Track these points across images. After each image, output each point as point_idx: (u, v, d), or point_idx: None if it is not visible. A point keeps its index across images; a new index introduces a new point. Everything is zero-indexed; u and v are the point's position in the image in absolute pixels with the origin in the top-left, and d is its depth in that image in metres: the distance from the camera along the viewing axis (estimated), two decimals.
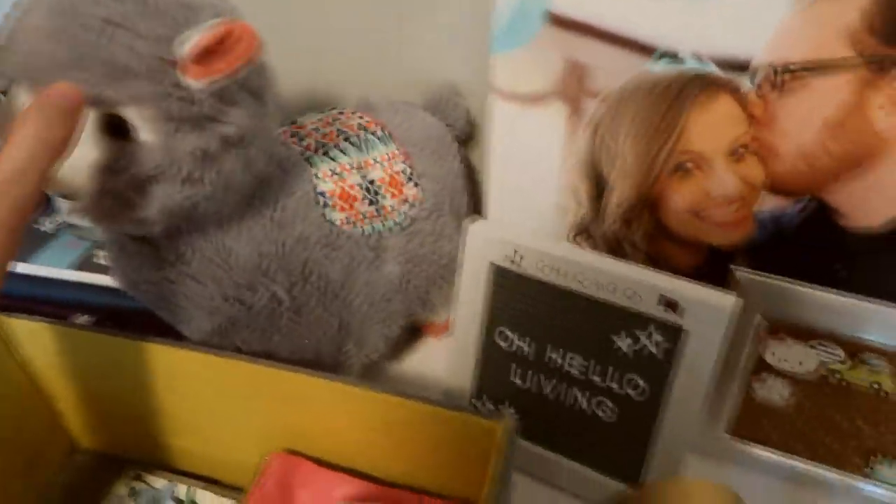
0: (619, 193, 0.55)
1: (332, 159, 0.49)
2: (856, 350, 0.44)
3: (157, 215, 0.38)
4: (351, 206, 0.49)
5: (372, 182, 0.51)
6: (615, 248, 0.58)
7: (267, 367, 0.41)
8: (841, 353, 0.44)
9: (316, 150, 0.49)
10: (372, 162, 0.51)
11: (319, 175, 0.48)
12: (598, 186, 0.56)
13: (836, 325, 0.44)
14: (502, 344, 0.50)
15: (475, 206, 0.61)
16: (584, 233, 0.58)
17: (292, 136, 0.50)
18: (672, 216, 0.55)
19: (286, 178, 0.46)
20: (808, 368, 0.46)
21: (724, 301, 0.41)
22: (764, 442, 0.50)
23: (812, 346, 0.45)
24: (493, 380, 0.51)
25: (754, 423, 0.50)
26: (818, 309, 0.44)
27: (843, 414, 0.46)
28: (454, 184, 0.56)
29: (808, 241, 0.52)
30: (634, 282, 0.43)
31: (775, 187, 0.51)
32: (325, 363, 0.51)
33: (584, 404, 0.48)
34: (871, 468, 0.47)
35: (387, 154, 0.52)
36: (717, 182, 0.52)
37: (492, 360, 0.51)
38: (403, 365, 0.61)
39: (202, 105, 0.36)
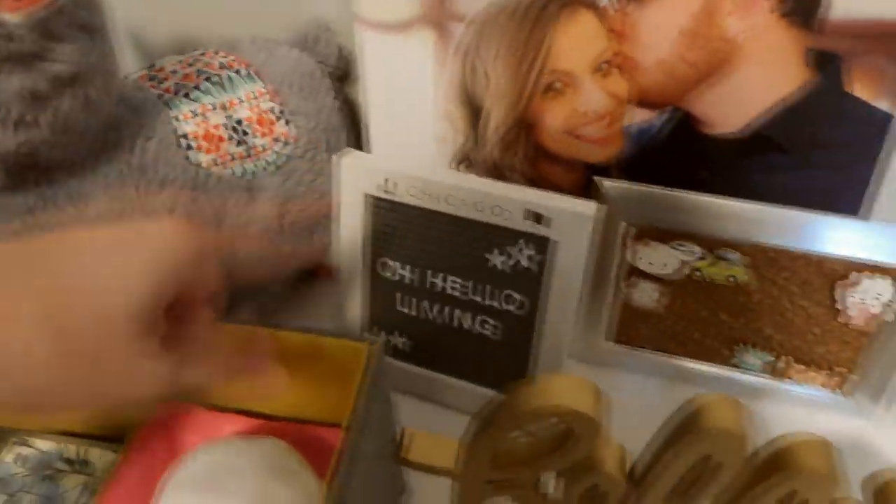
0: (495, 117, 0.56)
1: (193, 100, 0.48)
2: (712, 246, 0.46)
3: None
4: (217, 148, 0.48)
5: (239, 122, 0.49)
6: (497, 173, 0.59)
7: None
8: (699, 250, 0.46)
9: (176, 92, 0.48)
10: (237, 101, 0.49)
11: (180, 117, 0.47)
12: (473, 112, 0.56)
13: (693, 225, 0.46)
14: (386, 274, 0.50)
15: (359, 144, 0.61)
16: (466, 160, 0.59)
17: (150, 79, 0.48)
18: (548, 136, 0.56)
19: (143, 122, 0.45)
20: (672, 269, 0.48)
21: (586, 209, 0.43)
22: (641, 344, 0.53)
23: (673, 247, 0.47)
24: (381, 310, 0.52)
25: (631, 328, 0.52)
26: (676, 210, 0.46)
27: (708, 309, 0.49)
28: (330, 121, 0.55)
29: (675, 150, 0.54)
30: (501, 198, 0.44)
31: (640, 100, 0.53)
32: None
33: (469, 324, 0.49)
34: (736, 357, 0.51)
35: (252, 92, 0.50)
36: (585, 98, 0.53)
37: (378, 290, 0.51)
38: (302, 309, 0.61)
39: (23, 41, 0.34)
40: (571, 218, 0.43)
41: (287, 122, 0.52)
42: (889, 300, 0.44)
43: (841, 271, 0.45)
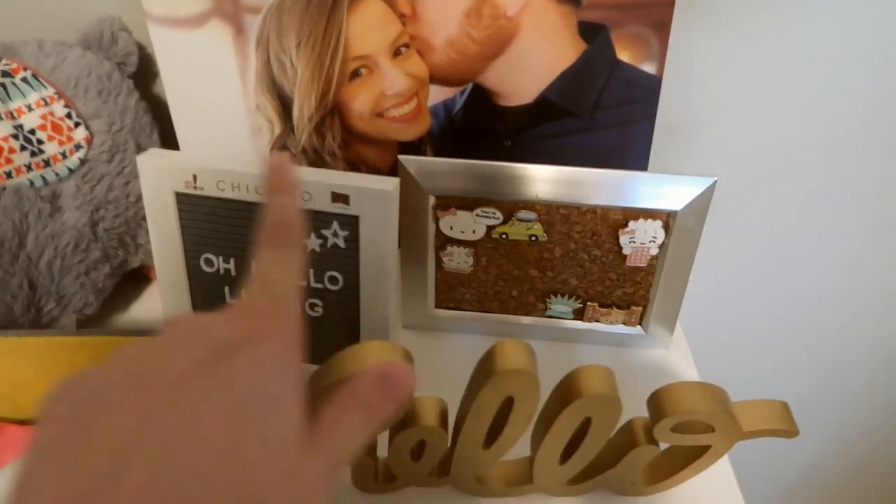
0: (306, 106, 0.57)
1: None
2: (511, 209, 0.51)
3: None
4: (7, 160, 0.46)
5: (32, 131, 0.48)
6: (315, 160, 0.60)
7: None
8: (500, 214, 0.51)
9: None
10: (24, 109, 0.48)
11: None
12: (283, 102, 0.57)
13: (491, 191, 0.50)
14: (208, 269, 0.51)
15: (174, 142, 0.60)
16: (284, 149, 0.60)
17: None
18: (358, 120, 0.58)
19: None
20: (480, 234, 0.52)
21: (385, 185, 0.45)
22: (464, 307, 0.57)
23: (478, 214, 0.51)
24: (211, 306, 0.52)
25: (453, 292, 0.56)
26: (474, 179, 0.50)
27: (518, 267, 0.54)
28: (135, 121, 0.55)
29: (478, 123, 0.58)
30: (308, 184, 0.46)
31: (438, 78, 0.56)
32: (25, 328, 0.49)
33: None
34: (550, 308, 0.56)
35: (43, 99, 0.49)
36: (388, 81, 0.56)
37: (203, 287, 0.52)
38: (131, 314, 0.60)
39: None
40: (374, 195, 0.45)
41: (86, 127, 0.51)
42: (662, 241, 0.50)
43: (621, 220, 0.50)
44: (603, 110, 0.58)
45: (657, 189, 0.49)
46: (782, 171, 0.72)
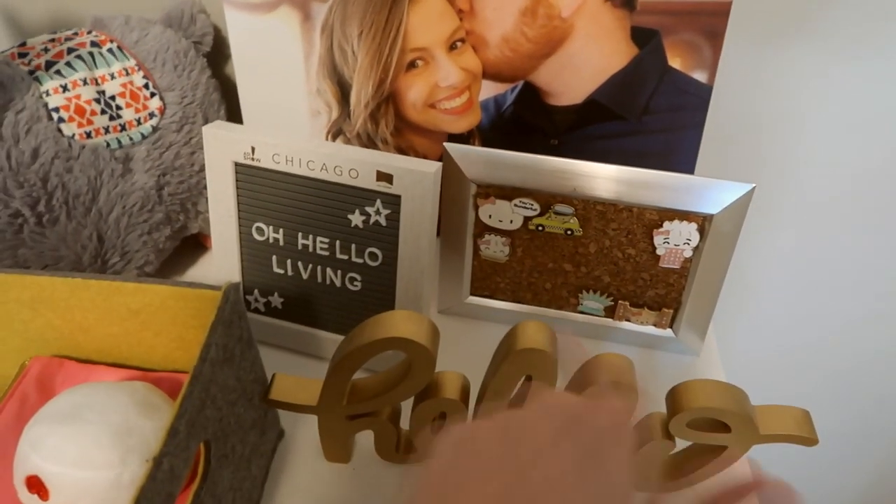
0: (363, 93, 0.60)
1: (63, 76, 0.50)
2: (549, 202, 0.52)
3: None
4: (89, 121, 0.50)
5: (113, 97, 0.52)
6: (368, 145, 0.63)
7: (7, 274, 0.43)
8: (536, 205, 0.52)
9: (47, 69, 0.50)
10: (108, 77, 0.52)
11: (50, 91, 0.49)
12: (342, 88, 0.60)
13: (530, 182, 0.52)
14: (259, 238, 0.54)
15: (239, 119, 0.64)
16: (340, 134, 0.63)
17: (20, 56, 0.51)
18: (411, 110, 0.61)
19: (10, 96, 0.47)
20: (517, 224, 0.53)
21: (427, 167, 0.47)
22: (498, 296, 0.58)
23: (516, 205, 0.52)
24: (258, 273, 0.56)
25: (488, 281, 0.58)
26: (515, 170, 0.51)
27: (552, 260, 0.55)
28: (205, 97, 0.59)
29: (526, 120, 0.60)
30: (355, 161, 0.49)
31: (491, 74, 0.58)
32: None
33: (337, 281, 0.54)
34: (582, 304, 0.57)
35: (123, 69, 0.53)
36: (443, 73, 0.58)
37: (253, 254, 0.55)
38: (186, 277, 0.64)
39: None
40: (417, 176, 0.48)
41: (160, 98, 0.55)
42: (696, 244, 0.51)
43: (657, 220, 0.51)
44: (651, 115, 0.58)
45: (694, 191, 0.49)
46: (827, 187, 0.71)
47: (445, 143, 0.51)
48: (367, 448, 0.49)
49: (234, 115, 0.63)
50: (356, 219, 0.51)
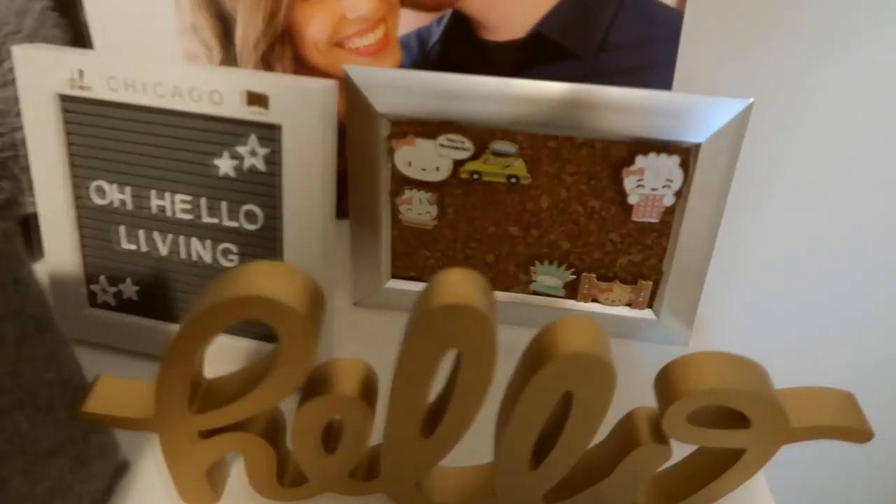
0: (251, 29, 0.48)
1: None
2: (485, 139, 0.39)
3: None
4: None
5: None
6: None
7: None
8: (470, 144, 0.39)
9: None
10: None
11: None
12: (223, 22, 0.48)
13: (460, 113, 0.39)
14: (100, 201, 0.40)
15: None
16: None
17: None
18: (313, 50, 0.48)
19: None
20: (445, 172, 0.41)
21: (314, 84, 0.35)
22: (426, 277, 0.45)
23: (442, 144, 0.40)
24: (102, 252, 0.41)
25: (412, 256, 0.45)
26: (439, 96, 0.39)
27: (493, 221, 0.42)
28: (37, 30, 0.45)
29: (456, 59, 0.48)
30: (218, 81, 0.35)
31: (410, 0, 0.46)
32: None
33: (206, 255, 0.40)
34: (536, 280, 0.44)
35: None
36: (350, 1, 0.46)
37: (94, 225, 0.41)
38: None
39: None
40: (299, 94, 0.35)
41: None
42: (679, 186, 0.39)
43: (626, 156, 0.39)
44: (611, 52, 0.47)
45: (674, 113, 0.37)
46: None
47: (346, 66, 0.39)
48: (244, 481, 0.35)
49: None
50: (225, 165, 0.37)
